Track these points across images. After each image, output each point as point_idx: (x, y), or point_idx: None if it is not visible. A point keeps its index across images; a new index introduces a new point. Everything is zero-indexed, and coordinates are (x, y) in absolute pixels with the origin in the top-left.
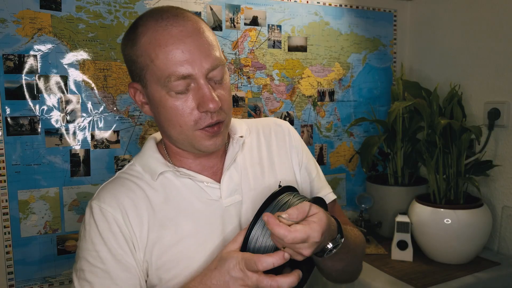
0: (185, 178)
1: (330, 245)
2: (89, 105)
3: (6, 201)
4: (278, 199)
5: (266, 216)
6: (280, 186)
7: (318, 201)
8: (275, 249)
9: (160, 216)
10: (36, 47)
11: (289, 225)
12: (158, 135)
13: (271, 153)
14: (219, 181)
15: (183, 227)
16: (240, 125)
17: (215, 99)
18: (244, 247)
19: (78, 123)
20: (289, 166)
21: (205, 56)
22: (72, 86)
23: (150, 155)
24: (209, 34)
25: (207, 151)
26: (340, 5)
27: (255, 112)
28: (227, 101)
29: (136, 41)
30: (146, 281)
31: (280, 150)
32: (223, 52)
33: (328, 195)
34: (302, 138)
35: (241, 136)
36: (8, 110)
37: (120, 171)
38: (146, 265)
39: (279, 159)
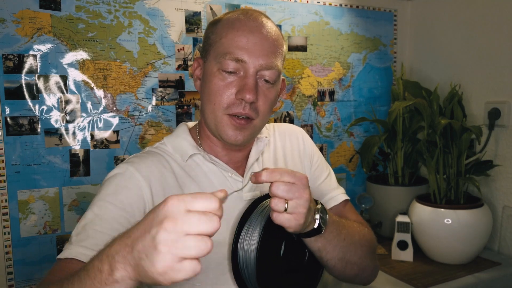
0: (212, 164)
1: (317, 216)
2: (89, 105)
3: (6, 201)
4: (262, 203)
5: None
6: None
7: None
8: (261, 248)
9: (185, 191)
10: (35, 47)
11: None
12: (189, 123)
13: (286, 156)
14: (242, 175)
15: None
16: (264, 127)
17: (254, 91)
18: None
19: (77, 123)
20: (300, 168)
21: (264, 53)
22: (71, 86)
23: (184, 137)
24: (279, 44)
25: (227, 140)
26: (340, 5)
27: None
28: (265, 105)
29: (218, 22)
30: None
31: (294, 152)
32: (283, 80)
33: (338, 196)
34: None
35: (266, 137)
36: (7, 110)
37: (150, 147)
38: None
39: (292, 161)
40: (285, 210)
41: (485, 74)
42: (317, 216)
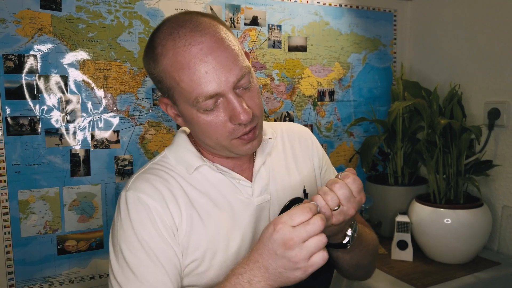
0: (219, 173)
1: (349, 231)
2: (89, 105)
3: (6, 201)
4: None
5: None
6: (304, 189)
7: None
8: None
9: (198, 208)
10: (36, 47)
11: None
12: (187, 128)
13: (295, 156)
14: (249, 179)
15: (220, 221)
16: (267, 127)
17: (246, 110)
18: None
19: (78, 123)
20: (311, 170)
21: (229, 70)
22: (72, 86)
23: (186, 147)
24: (230, 42)
25: (245, 154)
26: (340, 5)
27: None
28: (258, 104)
29: (157, 62)
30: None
31: (304, 154)
32: (246, 54)
33: None
34: None
35: (271, 138)
36: (8, 110)
37: (151, 161)
38: (181, 256)
39: (303, 163)
40: (333, 210)
41: (485, 74)
42: (349, 232)
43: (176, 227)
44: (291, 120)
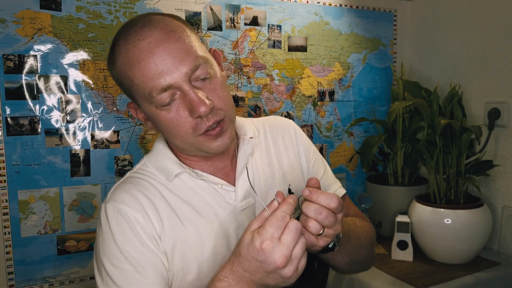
0: (200, 180)
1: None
2: (89, 105)
3: (6, 201)
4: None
5: (307, 190)
6: (289, 189)
7: None
8: None
9: (180, 215)
10: (36, 47)
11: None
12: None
13: (279, 154)
14: (232, 183)
15: (202, 228)
16: (248, 125)
17: (204, 101)
18: None
19: (78, 123)
20: (297, 166)
21: (180, 60)
22: (72, 86)
23: (164, 155)
24: (183, 35)
25: (216, 152)
26: (340, 5)
27: (255, 112)
28: (221, 97)
29: (114, 63)
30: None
31: (288, 150)
32: (216, 52)
33: (338, 191)
34: None
35: (251, 137)
36: (8, 110)
37: (130, 171)
38: (167, 263)
39: (287, 159)
40: (322, 231)
41: (485, 74)
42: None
43: (159, 235)
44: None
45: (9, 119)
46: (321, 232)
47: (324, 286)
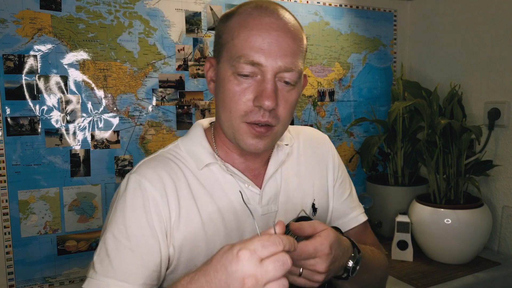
0: (229, 174)
1: (350, 263)
2: (89, 105)
3: (6, 201)
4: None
5: (278, 225)
6: (313, 204)
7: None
8: None
9: (199, 205)
10: (36, 47)
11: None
12: (204, 122)
13: (309, 166)
14: (259, 186)
15: (218, 223)
16: (286, 132)
17: (274, 97)
18: None
19: (78, 123)
20: (324, 183)
21: (282, 54)
22: (72, 86)
23: (200, 142)
24: (299, 42)
25: (246, 149)
26: (340, 5)
27: None
28: (287, 109)
29: (229, 18)
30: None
31: (320, 165)
32: (305, 76)
33: (359, 217)
34: None
35: (287, 144)
36: (8, 110)
37: (162, 150)
38: (173, 252)
39: (317, 174)
40: (300, 274)
41: (485, 74)
42: (350, 264)
43: (171, 220)
44: (292, 121)
45: (9, 119)
46: (300, 271)
47: None
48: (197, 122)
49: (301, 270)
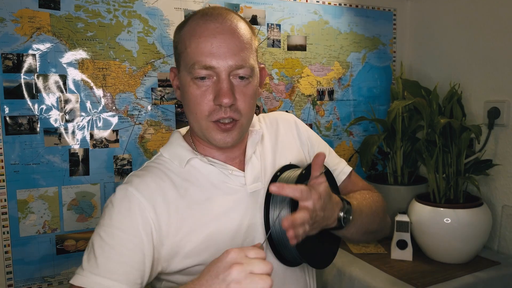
0: (210, 166)
1: (341, 214)
2: (88, 104)
3: (5, 200)
4: (279, 178)
5: (273, 186)
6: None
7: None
8: None
9: (189, 200)
10: (35, 46)
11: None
12: (182, 129)
13: (284, 145)
14: (242, 170)
15: (210, 212)
16: (254, 121)
17: (230, 94)
18: (267, 230)
19: (77, 122)
20: (301, 154)
21: (231, 54)
22: (71, 85)
23: (178, 143)
24: (245, 38)
25: (217, 144)
26: (340, 4)
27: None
28: (247, 102)
29: (181, 30)
30: (161, 271)
31: (291, 141)
32: (263, 69)
33: (345, 169)
34: None
35: (259, 129)
36: (7, 110)
37: (148, 161)
38: (173, 253)
39: (289, 148)
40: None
41: (485, 73)
42: (341, 214)
43: (161, 227)
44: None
45: (7, 118)
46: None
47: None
48: (175, 130)
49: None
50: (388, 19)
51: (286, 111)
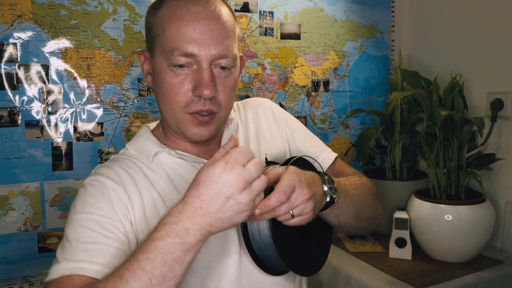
0: (178, 158)
1: (325, 187)
2: (72, 96)
3: None
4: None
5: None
6: (266, 158)
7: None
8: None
9: (160, 191)
10: (16, 34)
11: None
12: (151, 124)
13: (261, 129)
14: None
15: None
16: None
17: (212, 86)
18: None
19: (60, 115)
20: (279, 141)
21: (215, 42)
22: (53, 75)
23: (145, 137)
24: (229, 25)
25: (192, 138)
26: None
27: None
28: (227, 95)
29: (157, 10)
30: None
31: (270, 126)
32: (241, 57)
33: (329, 155)
34: None
35: (233, 118)
36: None
37: (114, 155)
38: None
39: (269, 134)
40: (293, 216)
41: (487, 63)
42: (326, 188)
43: (133, 207)
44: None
45: None
46: (292, 213)
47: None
48: (143, 125)
49: (291, 212)
50: (386, 6)
51: (279, 103)
